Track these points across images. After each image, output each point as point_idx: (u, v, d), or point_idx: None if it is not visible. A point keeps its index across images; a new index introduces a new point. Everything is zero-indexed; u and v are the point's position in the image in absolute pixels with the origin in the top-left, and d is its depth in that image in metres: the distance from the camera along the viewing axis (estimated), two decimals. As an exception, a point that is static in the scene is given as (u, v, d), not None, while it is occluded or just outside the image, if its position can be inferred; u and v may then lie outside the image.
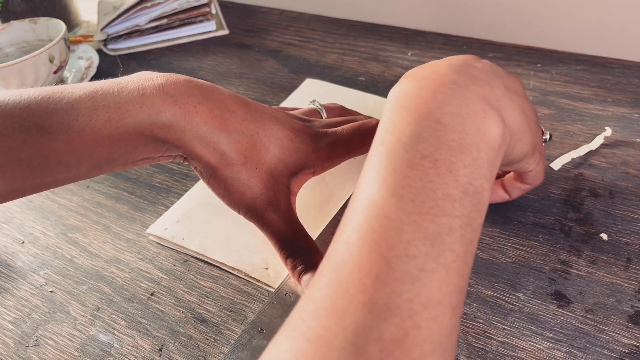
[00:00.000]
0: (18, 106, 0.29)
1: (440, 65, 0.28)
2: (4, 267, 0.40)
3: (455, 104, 0.25)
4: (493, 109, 0.25)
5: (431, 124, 0.24)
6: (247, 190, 0.34)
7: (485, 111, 0.25)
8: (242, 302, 0.35)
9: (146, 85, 0.31)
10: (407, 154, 0.23)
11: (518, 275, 0.34)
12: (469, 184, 0.23)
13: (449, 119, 0.24)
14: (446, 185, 0.22)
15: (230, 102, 0.33)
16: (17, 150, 0.28)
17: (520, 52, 0.59)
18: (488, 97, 0.26)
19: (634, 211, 0.38)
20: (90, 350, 0.33)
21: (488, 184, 0.24)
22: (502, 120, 0.25)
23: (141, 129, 0.30)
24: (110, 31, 0.69)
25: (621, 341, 0.30)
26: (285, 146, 0.34)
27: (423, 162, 0.22)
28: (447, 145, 0.23)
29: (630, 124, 0.47)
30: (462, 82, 0.26)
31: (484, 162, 0.24)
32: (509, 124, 0.26)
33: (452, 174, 0.22)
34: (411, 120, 0.24)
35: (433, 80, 0.26)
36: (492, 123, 0.25)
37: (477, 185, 0.23)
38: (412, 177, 0.22)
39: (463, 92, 0.25)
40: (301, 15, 0.75)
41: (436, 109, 0.24)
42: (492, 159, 0.24)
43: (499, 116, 0.25)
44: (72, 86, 0.30)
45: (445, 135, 0.23)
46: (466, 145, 0.23)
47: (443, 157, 0.23)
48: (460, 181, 0.22)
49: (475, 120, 0.24)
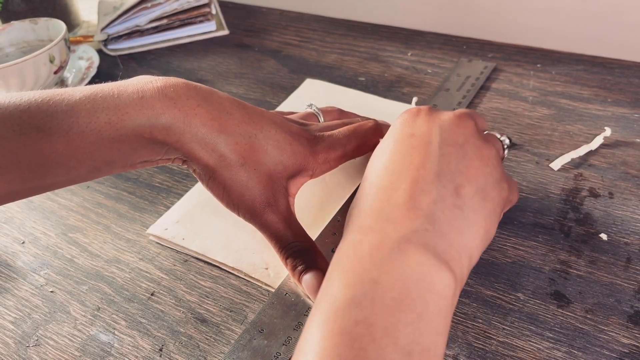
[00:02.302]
0: (18, 108, 0.29)
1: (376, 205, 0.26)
2: (5, 267, 0.40)
3: (394, 259, 0.23)
4: (438, 254, 0.24)
5: (367, 285, 0.22)
6: (245, 192, 0.34)
7: (429, 259, 0.23)
8: (243, 302, 0.35)
9: (146, 88, 0.31)
10: (339, 320, 0.21)
11: (518, 275, 0.35)
12: (414, 343, 0.21)
13: (387, 277, 0.22)
14: (383, 351, 0.20)
15: (228, 104, 0.33)
16: (17, 152, 0.28)
17: (520, 52, 0.59)
18: (432, 241, 0.24)
19: (634, 211, 0.38)
20: (90, 350, 0.33)
21: (442, 337, 0.22)
22: (450, 262, 0.24)
23: (140, 131, 0.30)
24: (111, 31, 0.69)
25: (621, 341, 0.30)
26: (283, 148, 0.34)
27: (356, 329, 0.21)
28: (384, 305, 0.21)
29: (630, 124, 0.47)
30: (400, 233, 0.24)
31: (433, 315, 0.22)
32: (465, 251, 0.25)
33: (390, 337, 0.20)
34: (347, 282, 0.23)
35: (370, 237, 0.25)
36: (440, 272, 0.23)
37: (425, 342, 0.21)
38: (342, 346, 0.20)
39: (402, 245, 0.24)
40: (301, 15, 0.75)
41: (373, 268, 0.23)
42: (444, 308, 0.23)
43: (446, 262, 0.24)
44: (71, 89, 0.31)
45: (383, 294, 0.22)
46: (408, 301, 0.22)
47: (378, 319, 0.21)
48: (401, 343, 0.21)
49: (419, 271, 0.23)
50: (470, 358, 0.30)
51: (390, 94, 0.55)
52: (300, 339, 0.22)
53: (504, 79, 0.55)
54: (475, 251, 0.27)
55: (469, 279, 0.35)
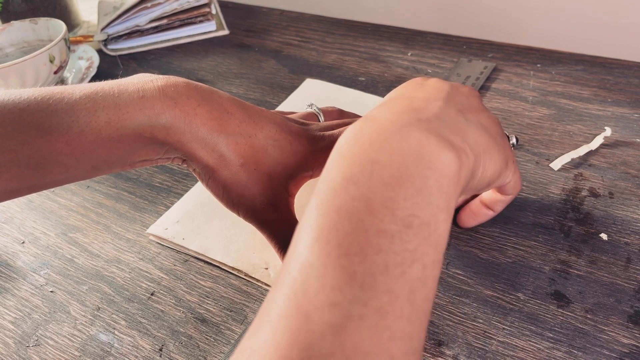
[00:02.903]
0: (17, 106, 0.29)
1: (380, 108, 0.26)
2: (5, 267, 0.40)
3: (394, 140, 0.23)
4: (440, 136, 0.24)
5: (365, 164, 0.22)
6: (245, 192, 0.34)
7: (430, 139, 0.23)
8: (243, 302, 0.35)
9: (146, 87, 0.31)
10: (335, 199, 0.21)
11: (518, 275, 0.35)
12: (413, 216, 0.21)
13: (386, 156, 0.22)
14: (381, 222, 0.20)
15: (228, 104, 0.33)
16: (16, 150, 0.28)
17: (520, 52, 0.59)
18: (435, 128, 0.24)
19: (634, 211, 0.38)
20: (90, 350, 0.33)
21: (443, 213, 0.22)
22: (454, 145, 0.24)
23: (141, 131, 0.30)
24: (111, 31, 0.69)
25: (621, 341, 0.30)
26: (284, 148, 0.34)
27: (353, 204, 0.21)
28: (383, 181, 0.21)
29: (630, 124, 0.47)
30: (403, 120, 0.24)
31: (433, 190, 0.22)
32: (470, 148, 0.25)
33: (389, 209, 0.20)
34: (344, 164, 0.22)
35: (371, 124, 0.24)
36: (440, 150, 0.23)
37: (425, 215, 0.21)
38: (340, 221, 0.20)
39: (404, 128, 0.23)
40: (301, 15, 0.75)
41: (372, 150, 0.23)
42: (446, 186, 0.22)
43: (449, 142, 0.24)
44: (71, 87, 0.30)
45: (381, 171, 0.22)
46: (407, 176, 0.21)
47: (377, 194, 0.21)
48: (399, 214, 0.20)
49: (419, 149, 0.22)
50: (470, 358, 0.30)
51: (390, 94, 0.54)
52: (299, 222, 0.22)
53: (504, 79, 0.55)
54: (482, 156, 0.26)
55: (469, 278, 0.35)
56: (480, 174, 0.27)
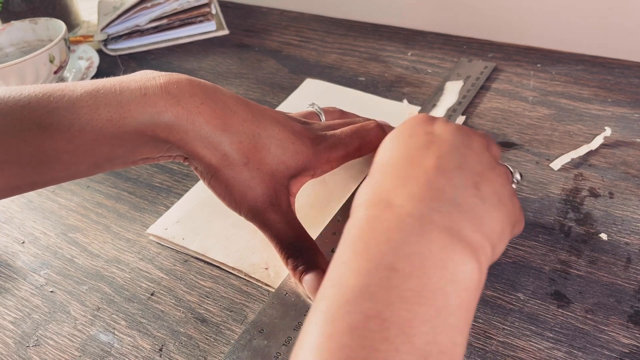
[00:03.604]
0: (18, 104, 0.28)
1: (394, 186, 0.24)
2: (5, 267, 0.40)
3: (413, 242, 0.21)
4: (462, 239, 0.22)
5: (382, 272, 0.20)
6: (248, 191, 0.34)
7: (453, 243, 0.21)
8: (243, 302, 0.35)
9: (148, 85, 0.31)
10: (348, 315, 0.19)
11: (518, 275, 0.35)
12: (430, 344, 0.18)
13: (405, 264, 0.20)
14: (397, 352, 0.18)
15: (232, 102, 0.33)
16: (17, 148, 0.28)
17: (520, 52, 0.59)
18: (456, 224, 0.22)
19: (634, 211, 0.38)
20: (90, 350, 0.33)
21: (462, 334, 0.20)
22: (475, 249, 0.22)
23: (143, 129, 0.30)
24: (111, 31, 0.69)
25: (621, 341, 0.30)
26: (286, 148, 0.34)
27: (368, 325, 0.18)
28: (401, 297, 0.19)
29: (630, 124, 0.47)
30: (420, 212, 0.22)
31: (453, 308, 0.20)
32: (489, 240, 0.23)
33: (406, 335, 0.18)
34: (359, 269, 0.20)
35: (388, 215, 0.22)
36: (463, 257, 0.21)
37: (444, 341, 0.19)
38: (352, 346, 0.18)
39: (423, 226, 0.21)
40: (301, 15, 0.75)
41: (390, 253, 0.20)
42: (466, 301, 0.20)
43: (471, 246, 0.22)
44: (73, 84, 0.30)
45: (400, 284, 0.19)
46: (427, 292, 0.19)
47: (394, 314, 0.19)
48: (417, 343, 0.18)
49: (440, 257, 0.20)
50: (470, 358, 0.30)
51: (390, 94, 0.55)
52: (301, 337, 0.20)
53: (504, 79, 0.55)
54: (498, 245, 0.25)
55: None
56: (493, 258, 0.25)
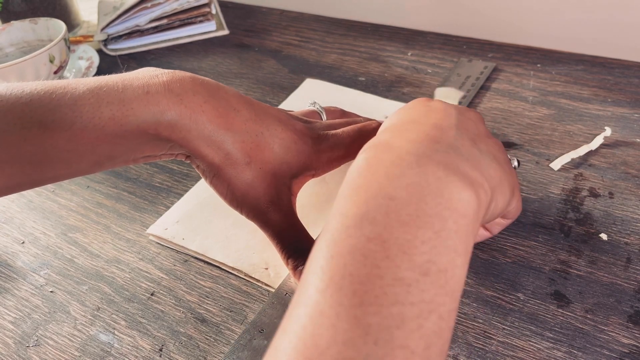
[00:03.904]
0: (20, 101, 0.28)
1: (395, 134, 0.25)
2: (5, 267, 0.40)
3: (411, 174, 0.22)
4: (459, 171, 0.22)
5: (381, 200, 0.21)
6: (250, 190, 0.33)
7: (449, 175, 0.22)
8: (242, 302, 0.35)
9: (151, 83, 0.30)
10: (349, 239, 0.20)
11: (518, 275, 0.35)
12: (430, 262, 0.19)
13: (404, 192, 0.21)
14: (397, 268, 0.19)
15: (235, 101, 0.33)
16: (18, 146, 0.28)
17: (520, 52, 0.59)
18: (453, 161, 0.23)
19: (634, 211, 0.38)
20: (90, 350, 0.33)
21: (461, 257, 0.20)
22: (472, 182, 0.22)
23: (145, 127, 0.30)
24: (111, 31, 0.69)
25: (621, 341, 0.30)
26: (289, 147, 0.34)
27: (368, 245, 0.19)
28: (400, 221, 0.20)
29: (630, 124, 0.47)
30: (420, 151, 0.23)
31: (451, 232, 0.20)
32: (487, 181, 0.24)
33: (406, 254, 0.19)
34: (359, 200, 0.21)
35: (387, 154, 0.23)
36: (460, 186, 0.22)
37: (443, 261, 0.20)
38: (354, 265, 0.19)
39: (422, 161, 0.22)
40: (301, 15, 0.75)
41: (388, 184, 0.21)
42: (464, 227, 0.21)
43: (468, 179, 0.22)
44: (75, 81, 0.30)
45: (398, 210, 0.20)
46: (425, 217, 0.20)
47: (394, 235, 0.20)
48: (417, 260, 0.19)
49: (438, 186, 0.21)
50: (470, 358, 0.30)
51: (390, 94, 0.55)
52: (308, 262, 0.20)
53: (504, 79, 0.55)
54: (498, 192, 0.25)
55: (469, 278, 0.35)
56: (492, 209, 0.25)
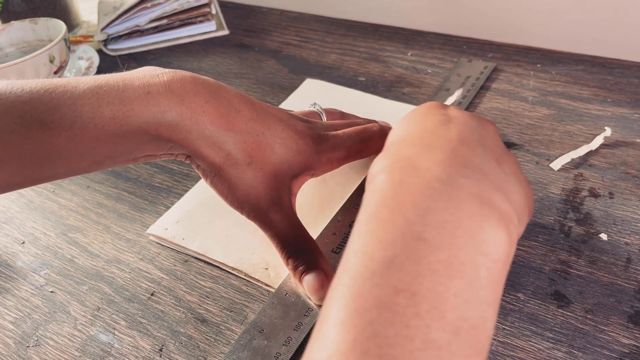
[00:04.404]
0: (20, 100, 0.28)
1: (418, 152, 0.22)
2: (5, 267, 0.40)
3: (443, 210, 0.19)
4: (493, 207, 0.20)
5: (410, 242, 0.19)
6: (251, 191, 0.33)
7: (483, 212, 0.20)
8: (243, 302, 0.35)
9: (152, 83, 0.30)
10: (375, 289, 0.18)
11: (518, 275, 0.35)
12: (462, 320, 0.17)
13: (434, 233, 0.19)
14: (428, 329, 0.17)
15: (236, 101, 0.33)
16: (18, 145, 0.28)
17: (520, 52, 0.59)
18: (485, 192, 0.21)
19: (634, 211, 0.38)
20: (90, 350, 0.33)
21: (492, 308, 0.19)
22: (505, 218, 0.20)
23: (146, 128, 0.30)
24: (111, 31, 0.69)
25: (621, 341, 0.30)
26: (290, 147, 0.34)
27: (397, 299, 0.17)
28: (431, 269, 0.18)
29: (630, 124, 0.47)
30: (449, 176, 0.21)
31: (484, 281, 0.19)
32: (515, 211, 0.22)
33: (437, 310, 0.17)
34: (385, 239, 0.19)
35: (414, 179, 0.21)
36: (493, 226, 0.20)
37: (475, 317, 0.18)
38: (381, 322, 0.17)
39: (452, 192, 0.20)
40: (301, 15, 0.75)
41: (417, 220, 0.19)
42: (496, 273, 0.19)
43: (501, 215, 0.20)
44: (75, 79, 0.30)
45: (429, 256, 0.18)
46: (458, 264, 0.18)
47: (424, 287, 0.18)
48: (449, 318, 0.17)
49: (471, 227, 0.19)
50: (470, 358, 0.30)
51: (390, 94, 0.55)
52: (324, 312, 0.18)
53: (504, 79, 0.55)
54: (522, 220, 0.23)
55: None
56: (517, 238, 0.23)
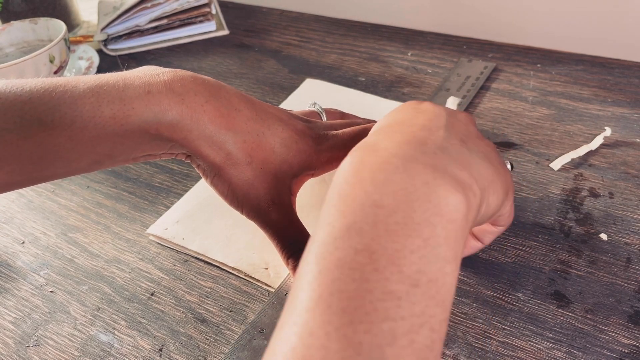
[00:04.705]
0: (19, 99, 0.28)
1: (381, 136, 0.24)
2: (5, 267, 0.40)
3: (398, 179, 0.21)
4: (447, 174, 0.21)
5: (368, 209, 0.20)
6: (251, 190, 0.33)
7: (437, 179, 0.21)
8: (242, 302, 0.35)
9: (152, 82, 0.30)
10: (337, 251, 0.19)
11: (518, 275, 0.35)
12: (420, 273, 0.19)
13: (391, 199, 0.20)
14: (387, 281, 0.18)
15: (236, 100, 0.33)
16: (18, 144, 0.28)
17: (520, 52, 0.59)
18: (441, 162, 0.22)
19: (634, 211, 0.38)
20: (90, 350, 0.33)
21: (450, 264, 0.20)
22: (461, 184, 0.22)
23: (146, 127, 0.30)
24: (111, 31, 0.69)
25: (621, 341, 0.30)
26: (290, 147, 0.34)
27: (356, 258, 0.19)
28: (388, 230, 0.19)
29: (630, 124, 0.47)
30: (407, 154, 0.22)
31: (440, 239, 0.20)
32: (476, 182, 0.23)
33: (395, 265, 0.19)
34: (346, 209, 0.20)
35: (373, 158, 0.22)
36: (448, 190, 0.21)
37: (432, 271, 0.19)
38: (342, 279, 0.18)
39: (408, 164, 0.21)
40: (301, 15, 0.75)
41: (375, 191, 0.21)
42: (453, 232, 0.20)
43: (456, 181, 0.21)
44: (75, 79, 0.30)
45: (385, 219, 0.20)
46: (413, 225, 0.20)
47: (382, 246, 0.19)
48: (407, 271, 0.19)
49: (425, 191, 0.20)
50: (470, 358, 0.30)
51: (390, 94, 0.55)
52: (295, 277, 0.20)
53: (504, 79, 0.55)
54: (489, 192, 0.24)
55: (468, 278, 0.35)
56: (484, 210, 0.24)
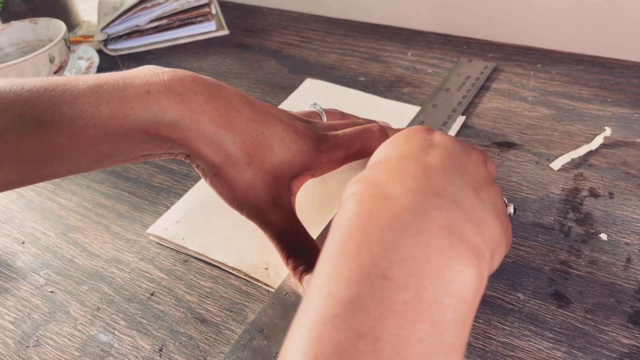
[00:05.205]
0: (19, 98, 0.28)
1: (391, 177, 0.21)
2: (4, 267, 0.40)
3: (409, 245, 0.18)
4: (463, 242, 0.19)
5: (375, 280, 0.18)
6: (250, 191, 0.33)
7: (452, 248, 0.19)
8: (242, 302, 0.35)
9: (152, 82, 0.30)
10: (336, 333, 0.17)
11: (518, 275, 0.35)
12: None
13: (400, 271, 0.18)
14: None
15: (236, 100, 0.33)
16: (17, 143, 0.28)
17: (520, 52, 0.59)
18: (457, 225, 0.20)
19: (634, 211, 0.38)
20: (90, 350, 0.33)
21: (457, 353, 0.18)
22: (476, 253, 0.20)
23: (146, 127, 0.30)
24: (111, 31, 0.69)
25: (621, 341, 0.30)
26: (289, 147, 0.34)
27: (358, 345, 0.16)
28: (395, 311, 0.17)
29: (630, 124, 0.47)
30: (419, 207, 0.20)
31: (449, 324, 0.18)
32: (487, 246, 0.21)
33: (401, 357, 0.16)
34: (349, 276, 0.18)
35: (384, 210, 0.20)
36: (463, 264, 0.19)
37: None
38: None
39: (421, 225, 0.19)
40: (301, 15, 0.75)
41: (383, 257, 0.18)
42: (462, 316, 0.18)
43: (472, 249, 0.19)
44: (75, 78, 0.30)
45: (393, 295, 0.17)
46: (423, 306, 0.17)
47: (387, 331, 0.17)
48: None
49: (439, 264, 0.18)
50: (470, 358, 0.30)
51: (390, 94, 0.55)
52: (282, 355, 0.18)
53: (504, 79, 0.55)
54: (495, 255, 0.23)
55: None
56: (488, 273, 0.22)
